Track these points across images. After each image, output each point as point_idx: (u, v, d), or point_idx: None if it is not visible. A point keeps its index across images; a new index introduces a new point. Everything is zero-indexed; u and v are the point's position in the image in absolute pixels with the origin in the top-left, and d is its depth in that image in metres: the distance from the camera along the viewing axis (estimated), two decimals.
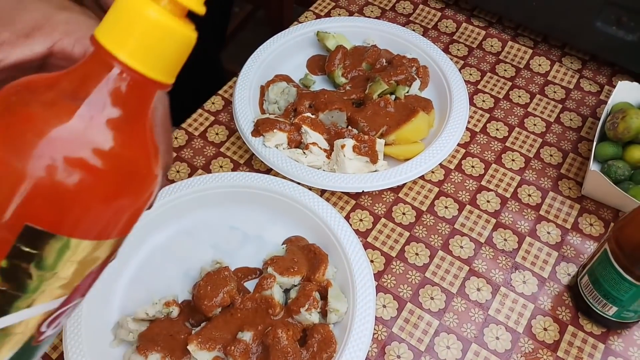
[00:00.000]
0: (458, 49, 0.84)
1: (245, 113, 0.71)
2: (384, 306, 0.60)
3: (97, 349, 0.55)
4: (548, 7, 0.77)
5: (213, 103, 0.78)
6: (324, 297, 0.58)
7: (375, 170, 0.67)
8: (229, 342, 0.54)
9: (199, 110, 0.77)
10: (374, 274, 0.60)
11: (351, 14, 0.88)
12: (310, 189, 0.65)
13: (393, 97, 0.73)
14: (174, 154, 0.72)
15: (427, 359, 0.56)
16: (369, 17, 0.87)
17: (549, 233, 0.65)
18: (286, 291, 0.59)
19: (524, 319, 0.59)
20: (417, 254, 0.63)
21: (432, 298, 0.60)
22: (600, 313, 0.55)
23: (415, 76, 0.75)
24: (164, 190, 0.64)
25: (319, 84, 0.79)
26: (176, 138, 0.74)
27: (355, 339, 0.54)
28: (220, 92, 0.79)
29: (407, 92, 0.74)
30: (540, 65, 0.81)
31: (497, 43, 0.84)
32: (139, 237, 0.63)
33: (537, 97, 0.77)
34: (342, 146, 0.66)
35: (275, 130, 0.68)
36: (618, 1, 0.70)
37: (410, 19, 0.88)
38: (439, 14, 0.88)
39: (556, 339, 0.57)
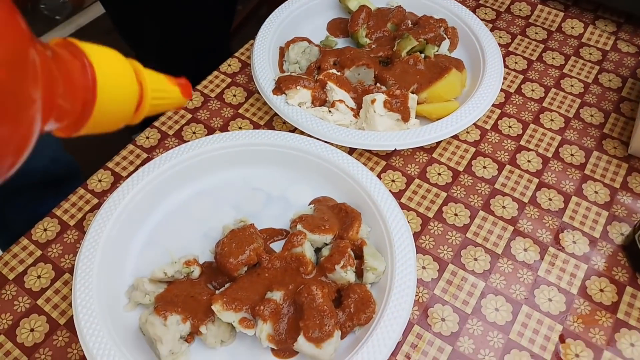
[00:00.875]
0: (485, 13, 0.80)
1: (265, 71, 0.67)
2: (424, 267, 0.55)
3: (109, 313, 0.50)
4: None
5: (229, 65, 0.73)
6: (359, 256, 0.53)
7: (407, 129, 0.62)
8: (257, 303, 0.49)
9: (215, 72, 0.72)
10: None
11: None
12: (337, 148, 0.60)
13: (423, 56, 0.69)
14: (190, 116, 0.67)
15: (474, 322, 0.51)
16: None
17: (596, 192, 0.60)
18: (317, 250, 0.54)
19: (577, 280, 0.54)
20: (456, 215, 0.58)
21: (475, 259, 0.55)
22: None
23: (445, 35, 0.71)
24: (180, 148, 0.59)
25: (340, 46, 0.74)
26: (191, 99, 0.69)
27: (396, 299, 0.49)
28: (236, 54, 0.74)
29: (437, 51, 0.70)
30: (573, 27, 0.77)
31: (526, 7, 0.80)
32: (154, 198, 0.58)
33: (572, 58, 0.73)
34: (373, 101, 0.61)
35: (298, 87, 0.63)
36: None
37: None
38: None
39: (614, 301, 0.52)
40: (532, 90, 0.70)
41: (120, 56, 0.29)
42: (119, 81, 0.27)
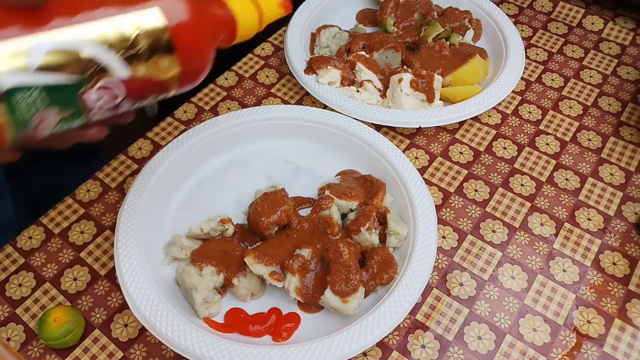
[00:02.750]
0: (508, 8, 0.83)
1: (298, 53, 0.70)
2: (444, 237, 0.58)
3: (148, 265, 0.53)
4: None
5: (263, 49, 0.77)
6: (382, 223, 0.56)
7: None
8: (286, 259, 0.52)
9: (249, 55, 0.76)
10: None
11: None
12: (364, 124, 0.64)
13: (447, 43, 0.72)
14: (225, 93, 0.71)
15: (490, 288, 0.54)
16: None
17: (612, 174, 0.62)
18: (343, 216, 0.57)
19: (591, 254, 0.56)
20: (476, 190, 0.61)
21: (493, 231, 0.58)
22: None
23: (469, 26, 0.74)
24: (215, 119, 0.63)
25: None
26: (226, 79, 0.73)
27: (417, 262, 0.52)
28: (270, 39, 0.78)
29: (461, 39, 0.73)
30: (593, 23, 0.80)
31: (548, 3, 0.83)
32: (190, 164, 0.62)
33: (591, 52, 0.76)
34: (400, 80, 0.65)
35: (329, 67, 0.67)
36: None
37: None
38: None
39: (626, 274, 0.55)
40: (552, 80, 0.73)
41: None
42: (248, 12, 0.42)
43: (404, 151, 0.65)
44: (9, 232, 0.65)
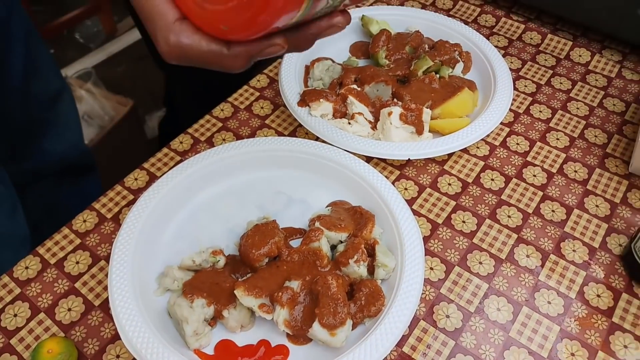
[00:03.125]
0: (498, 41, 0.85)
1: (292, 86, 0.72)
2: (431, 269, 0.59)
3: (140, 296, 0.54)
4: None
5: (258, 80, 0.79)
6: (371, 255, 0.57)
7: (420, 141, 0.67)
8: (276, 291, 0.53)
9: (245, 87, 0.78)
10: None
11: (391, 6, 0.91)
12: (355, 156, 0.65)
13: (437, 76, 0.74)
14: (221, 124, 0.73)
15: (476, 320, 0.55)
16: None
17: (597, 206, 0.64)
18: (332, 248, 0.59)
19: (575, 285, 0.57)
20: (464, 222, 0.62)
21: (480, 263, 0.59)
22: None
23: (459, 59, 0.76)
24: (210, 151, 0.65)
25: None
26: (222, 110, 0.75)
27: (404, 294, 0.53)
28: (265, 71, 0.80)
29: (451, 72, 0.75)
30: (580, 56, 0.82)
31: (537, 36, 0.85)
32: (185, 195, 0.63)
33: (578, 84, 0.78)
34: (389, 113, 0.66)
35: (321, 100, 0.69)
36: None
37: (450, 13, 0.90)
38: (479, 9, 0.90)
39: (610, 306, 0.56)
40: (540, 112, 0.74)
41: None
42: None
43: (394, 182, 0.66)
44: (24, 248, 0.66)
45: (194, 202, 0.64)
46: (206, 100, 1.09)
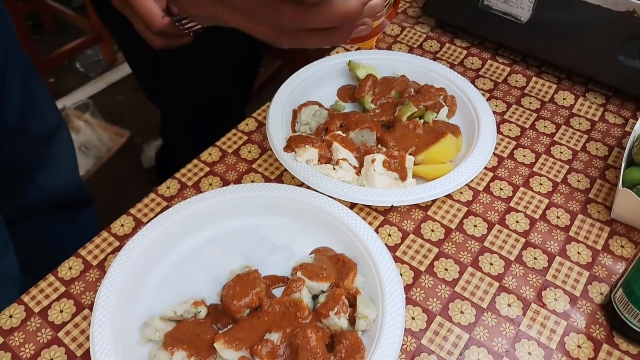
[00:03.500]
0: (484, 83, 0.86)
1: (278, 131, 0.73)
2: (413, 318, 0.59)
3: (122, 347, 0.55)
4: (573, 44, 0.80)
5: (247, 124, 0.80)
6: (353, 305, 0.57)
7: (404, 188, 0.68)
8: (256, 343, 0.53)
9: (233, 130, 0.79)
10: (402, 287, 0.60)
11: (379, 50, 0.92)
12: (339, 202, 0.66)
13: (422, 121, 0.75)
14: (208, 169, 0.74)
15: None
16: None
17: (579, 253, 0.64)
18: (314, 297, 0.59)
19: (556, 336, 0.57)
20: (446, 269, 0.63)
21: (462, 312, 0.59)
22: (636, 328, 0.54)
23: (443, 103, 0.78)
24: (195, 198, 0.66)
25: (349, 110, 0.81)
26: (210, 154, 0.76)
27: (384, 346, 0.53)
28: (254, 114, 0.82)
29: (435, 117, 0.76)
30: (564, 99, 0.83)
31: (522, 78, 0.87)
32: (169, 243, 0.64)
33: (562, 127, 0.79)
34: (373, 160, 0.67)
35: (306, 146, 0.70)
36: (639, 34, 0.73)
37: (437, 56, 0.91)
38: (465, 52, 0.92)
39: (591, 357, 0.56)
40: (524, 156, 0.75)
41: None
42: None
43: (377, 228, 0.67)
44: (15, 287, 0.66)
45: (178, 250, 0.64)
46: (200, 133, 1.10)
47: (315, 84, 0.84)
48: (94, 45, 2.45)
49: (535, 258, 0.64)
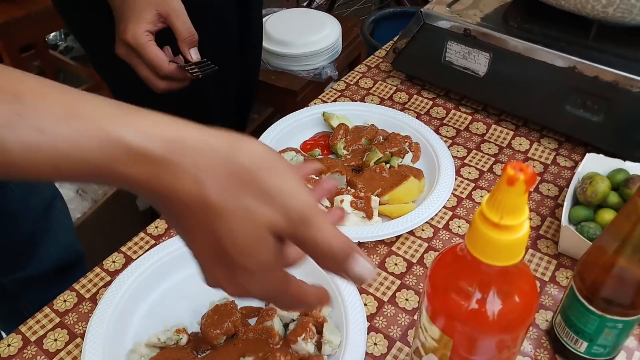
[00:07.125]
0: (447, 131, 0.95)
1: None
2: (375, 344, 0.65)
3: None
4: (526, 95, 0.89)
5: None
6: (320, 331, 0.63)
7: (370, 225, 0.75)
8: None
9: None
10: (367, 315, 0.66)
11: (354, 102, 1.01)
12: None
13: (388, 165, 0.83)
14: None
15: None
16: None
17: None
18: (285, 326, 0.65)
19: None
20: (407, 299, 0.69)
21: None
22: (574, 350, 0.60)
23: (408, 149, 0.86)
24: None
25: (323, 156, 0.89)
26: None
27: None
28: None
29: (401, 162, 0.84)
30: (520, 144, 0.91)
31: (482, 126, 0.95)
32: (155, 277, 0.70)
33: None
34: (341, 201, 0.74)
35: None
36: (581, 87, 0.82)
37: (406, 106, 1.00)
38: (431, 102, 1.00)
39: None
40: (481, 197, 0.82)
41: None
42: None
43: None
44: None
45: (164, 283, 0.71)
46: None
47: (294, 132, 0.92)
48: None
49: None
